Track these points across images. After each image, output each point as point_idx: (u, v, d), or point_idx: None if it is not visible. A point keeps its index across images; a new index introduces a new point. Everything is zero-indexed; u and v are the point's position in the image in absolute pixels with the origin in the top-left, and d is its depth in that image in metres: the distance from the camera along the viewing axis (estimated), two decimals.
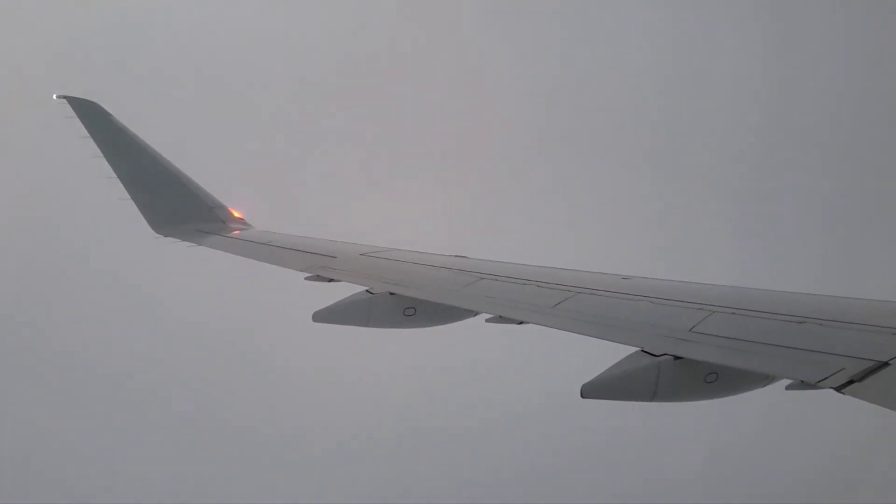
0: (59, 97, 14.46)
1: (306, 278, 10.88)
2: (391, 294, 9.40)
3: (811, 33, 39.69)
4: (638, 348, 6.61)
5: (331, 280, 10.54)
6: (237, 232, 14.83)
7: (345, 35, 41.99)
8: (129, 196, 14.75)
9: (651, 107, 40.91)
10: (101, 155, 14.51)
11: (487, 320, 8.46)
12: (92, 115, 14.53)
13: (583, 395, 6.41)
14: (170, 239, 14.60)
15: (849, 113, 38.90)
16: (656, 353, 6.42)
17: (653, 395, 6.36)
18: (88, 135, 14.45)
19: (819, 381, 5.36)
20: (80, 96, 14.62)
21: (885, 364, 5.28)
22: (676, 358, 6.34)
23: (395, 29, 42.17)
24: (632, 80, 41.08)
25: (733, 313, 6.87)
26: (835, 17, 39.08)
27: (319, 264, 11.17)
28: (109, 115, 14.68)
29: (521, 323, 8.08)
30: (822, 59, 39.60)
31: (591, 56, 41.04)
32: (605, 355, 6.65)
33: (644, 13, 41.27)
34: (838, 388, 5.21)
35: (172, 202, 15.09)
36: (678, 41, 41.04)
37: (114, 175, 14.63)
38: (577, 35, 41.78)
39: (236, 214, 15.58)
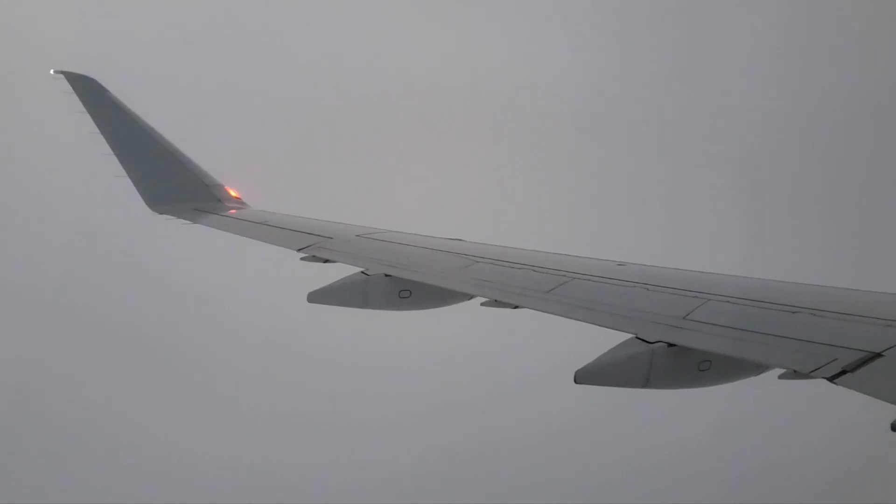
0: (56, 72, 14.37)
1: (302, 258, 10.85)
2: (387, 276, 9.39)
3: (810, 31, 39.69)
4: (632, 335, 6.61)
5: (326, 261, 10.52)
6: (233, 211, 14.78)
7: (341, 19, 41.85)
8: (125, 173, 14.71)
9: (647, 94, 40.88)
10: (98, 131, 14.45)
11: (482, 304, 8.46)
12: (89, 91, 14.45)
13: (576, 381, 6.42)
14: (165, 217, 14.57)
15: (846, 105, 38.89)
16: (650, 340, 6.43)
17: (646, 381, 6.37)
18: (85, 110, 14.38)
19: (812, 371, 5.37)
20: (78, 72, 14.54)
21: (878, 355, 5.28)
22: (670, 345, 6.34)
23: (391, 14, 42.03)
24: (628, 67, 41.01)
25: (728, 302, 6.87)
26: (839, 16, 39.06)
27: (315, 244, 11.14)
28: (107, 90, 14.60)
29: (515, 307, 8.08)
30: (815, 56, 39.59)
31: (588, 43, 40.93)
32: (600, 341, 6.65)
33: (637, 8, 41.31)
34: (831, 379, 5.21)
35: (169, 180, 15.04)
36: (674, 32, 40.99)
37: (110, 151, 14.57)
38: (573, 23, 41.69)
39: (233, 193, 15.53)
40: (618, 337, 6.67)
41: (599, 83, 40.87)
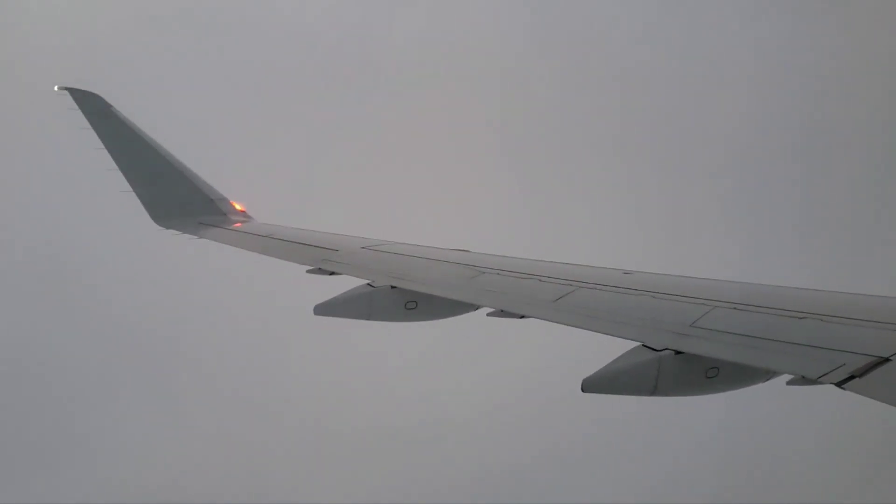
0: (60, 88, 14.44)
1: (308, 271, 10.87)
2: (392, 287, 9.39)
3: (814, 31, 39.70)
4: (639, 343, 6.61)
5: (332, 273, 10.53)
6: (239, 224, 14.82)
7: (347, 28, 41.99)
8: (130, 188, 14.76)
9: (653, 101, 40.92)
10: (103, 147, 14.50)
11: (489, 314, 8.45)
12: (93, 107, 14.52)
13: (583, 390, 6.42)
14: (171, 231, 14.61)
15: (851, 110, 38.90)
16: (657, 348, 6.42)
17: (653, 389, 6.37)
18: (90, 126, 14.44)
19: (820, 377, 5.36)
20: (82, 88, 14.61)
21: (887, 360, 5.27)
22: (677, 353, 6.34)
23: (395, 23, 42.17)
24: (633, 75, 41.06)
25: (734, 308, 6.87)
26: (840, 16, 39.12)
27: (321, 257, 11.16)
28: (111, 106, 14.68)
29: (522, 317, 8.08)
30: (823, 57, 39.60)
31: (592, 51, 41.01)
32: (606, 350, 6.65)
33: (641, 10, 41.39)
34: (839, 384, 5.20)
35: (174, 194, 15.09)
36: (680, 36, 41.04)
37: (115, 167, 14.63)
38: (577, 30, 41.79)
39: (238, 207, 15.57)
40: (625, 345, 6.67)
41: (605, 92, 40.95)
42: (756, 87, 40.47)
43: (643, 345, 6.56)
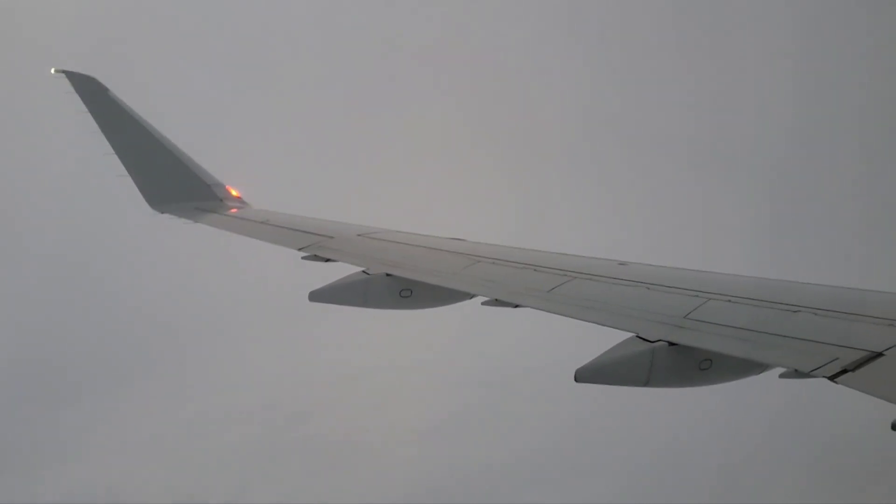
0: (57, 72, 14.37)
1: (303, 258, 10.87)
2: (388, 275, 9.39)
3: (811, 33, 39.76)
4: (633, 334, 6.61)
5: (328, 260, 10.53)
6: (235, 210, 14.79)
7: (344, 17, 41.90)
8: (126, 172, 14.71)
9: (649, 94, 40.90)
10: (99, 131, 14.45)
11: (483, 303, 8.46)
12: (90, 91, 14.46)
13: (577, 380, 6.42)
14: (167, 216, 14.58)
15: (846, 104, 38.91)
16: (651, 339, 6.43)
17: (647, 380, 6.37)
18: (87, 110, 14.38)
19: (813, 371, 5.38)
20: (80, 71, 14.54)
21: (879, 354, 5.28)
22: (671, 344, 6.34)
23: (391, 14, 42.07)
24: (630, 67, 41.03)
25: (729, 301, 6.88)
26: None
27: (316, 244, 11.15)
28: (108, 90, 14.61)
29: (516, 306, 8.09)
30: (819, 59, 39.64)
31: (589, 44, 40.97)
32: (600, 340, 6.66)
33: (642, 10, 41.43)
34: (832, 378, 5.22)
35: (170, 179, 15.05)
36: (678, 33, 41.03)
37: (112, 151, 14.58)
38: (578, 21, 41.73)
39: (234, 193, 15.54)
40: (619, 336, 6.68)
41: (601, 82, 40.91)
42: (751, 81, 40.48)
43: (637, 336, 6.57)
